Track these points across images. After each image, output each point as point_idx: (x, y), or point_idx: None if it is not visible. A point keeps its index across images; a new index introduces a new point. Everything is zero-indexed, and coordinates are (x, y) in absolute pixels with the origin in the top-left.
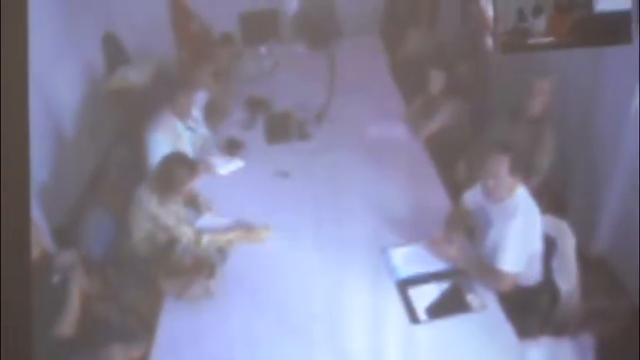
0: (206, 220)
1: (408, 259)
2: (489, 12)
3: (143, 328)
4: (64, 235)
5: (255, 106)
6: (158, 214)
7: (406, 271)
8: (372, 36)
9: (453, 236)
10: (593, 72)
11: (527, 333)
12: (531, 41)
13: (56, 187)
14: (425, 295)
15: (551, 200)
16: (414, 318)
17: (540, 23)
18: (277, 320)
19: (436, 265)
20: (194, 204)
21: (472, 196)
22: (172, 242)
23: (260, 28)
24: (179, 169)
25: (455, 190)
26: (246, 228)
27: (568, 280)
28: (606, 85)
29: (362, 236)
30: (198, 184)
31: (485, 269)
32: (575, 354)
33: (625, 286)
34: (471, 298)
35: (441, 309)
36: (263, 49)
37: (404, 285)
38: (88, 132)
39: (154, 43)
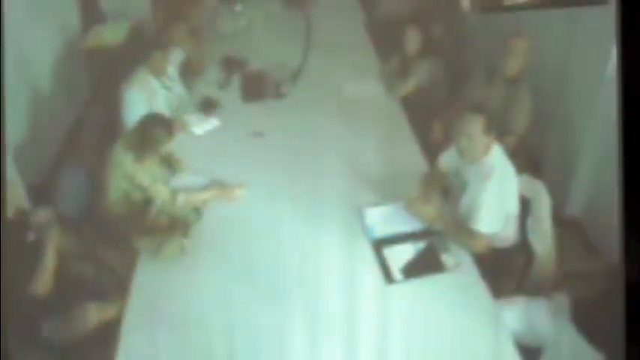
0: (181, 179)
1: (384, 218)
2: None
3: (117, 287)
4: (39, 193)
5: (231, 65)
6: (133, 173)
7: (381, 230)
8: None
9: (430, 196)
10: (569, 32)
11: (502, 293)
12: (507, 2)
13: (32, 146)
14: (400, 255)
15: (526, 160)
16: (388, 277)
17: None
18: (251, 279)
19: (411, 225)
20: (169, 163)
21: (448, 157)
22: (148, 201)
23: None
24: (156, 129)
25: (431, 150)
26: (220, 187)
27: (543, 241)
28: (582, 45)
29: (337, 195)
30: (174, 144)
31: (460, 230)
32: (550, 314)
33: (598, 248)
34: (445, 257)
35: (415, 268)
36: (238, 8)
37: (379, 244)
38: (64, 90)
39: (129, 1)
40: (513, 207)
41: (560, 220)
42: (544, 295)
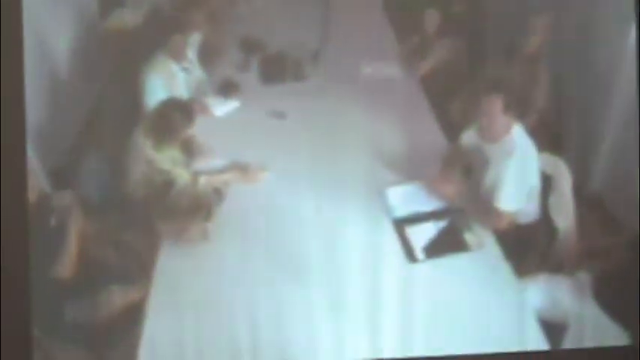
0: (202, 162)
1: (405, 198)
2: None
3: (141, 270)
4: (61, 177)
5: (250, 46)
6: (153, 158)
7: (403, 210)
8: None
9: (451, 175)
10: (589, 10)
11: (525, 271)
12: None
13: (52, 130)
14: (422, 234)
15: (547, 138)
16: (411, 257)
17: None
18: (274, 260)
19: (433, 204)
20: (189, 147)
21: (469, 136)
22: (169, 184)
23: None
24: (175, 114)
25: (451, 129)
26: (242, 169)
27: (565, 218)
28: (601, 22)
29: (358, 175)
30: (195, 126)
31: (483, 208)
32: (573, 291)
33: (620, 224)
34: (468, 236)
35: (438, 248)
36: None
37: (401, 224)
38: (83, 75)
39: None
40: (535, 184)
41: (582, 196)
42: (567, 271)
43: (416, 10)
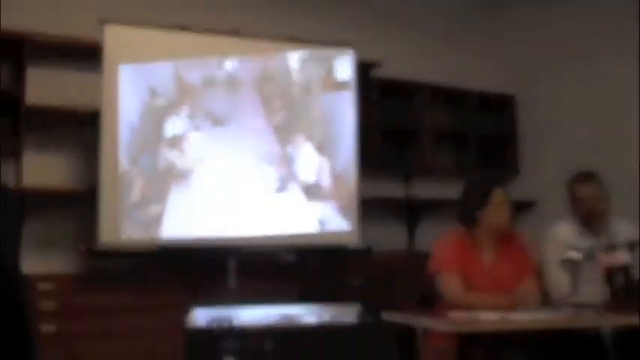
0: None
1: (267, 168)
2: None
3: (163, 195)
4: (132, 162)
5: (208, 113)
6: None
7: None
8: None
9: (283, 164)
10: (334, 108)
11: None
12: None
13: (129, 144)
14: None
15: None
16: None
17: None
18: (220, 195)
19: None
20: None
21: (292, 148)
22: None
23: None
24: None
25: (284, 146)
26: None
27: None
28: (341, 111)
29: (254, 162)
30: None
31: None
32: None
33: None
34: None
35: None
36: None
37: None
38: (145, 124)
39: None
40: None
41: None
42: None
43: (273, 101)
